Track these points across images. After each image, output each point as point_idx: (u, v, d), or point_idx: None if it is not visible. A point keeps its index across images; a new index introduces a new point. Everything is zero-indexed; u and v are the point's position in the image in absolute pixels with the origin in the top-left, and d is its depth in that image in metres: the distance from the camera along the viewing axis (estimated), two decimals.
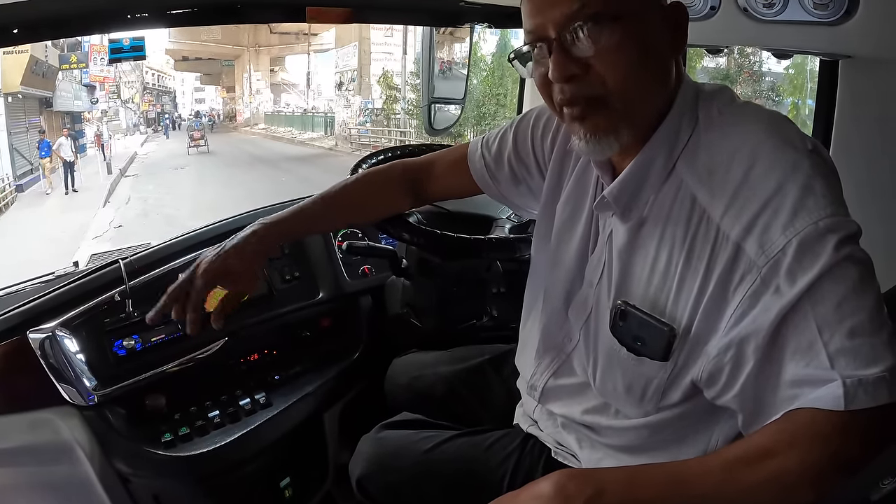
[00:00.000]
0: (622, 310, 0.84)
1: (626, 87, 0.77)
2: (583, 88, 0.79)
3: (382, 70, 26.03)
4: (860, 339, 0.64)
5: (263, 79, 40.68)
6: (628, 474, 0.67)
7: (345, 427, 1.69)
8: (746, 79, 15.94)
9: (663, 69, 0.81)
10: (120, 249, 1.86)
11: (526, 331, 1.11)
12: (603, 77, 0.77)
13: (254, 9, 1.54)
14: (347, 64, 29.56)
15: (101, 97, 25.42)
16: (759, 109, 0.81)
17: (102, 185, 16.24)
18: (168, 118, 35.37)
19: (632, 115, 0.80)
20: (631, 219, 0.85)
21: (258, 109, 39.79)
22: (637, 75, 0.77)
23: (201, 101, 44.31)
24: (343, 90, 29.24)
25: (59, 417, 1.31)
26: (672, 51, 0.81)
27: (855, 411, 0.61)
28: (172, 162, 20.40)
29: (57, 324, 1.34)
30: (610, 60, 0.76)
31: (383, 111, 24.79)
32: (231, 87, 42.82)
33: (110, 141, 21.43)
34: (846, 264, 0.66)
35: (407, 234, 1.31)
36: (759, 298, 0.70)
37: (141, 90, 34.75)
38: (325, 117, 29.72)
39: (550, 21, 0.77)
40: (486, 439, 1.10)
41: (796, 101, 14.90)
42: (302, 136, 29.30)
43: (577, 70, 0.77)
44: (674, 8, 0.81)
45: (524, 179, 1.12)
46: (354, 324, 1.78)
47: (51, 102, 19.89)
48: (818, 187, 0.69)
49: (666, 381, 0.81)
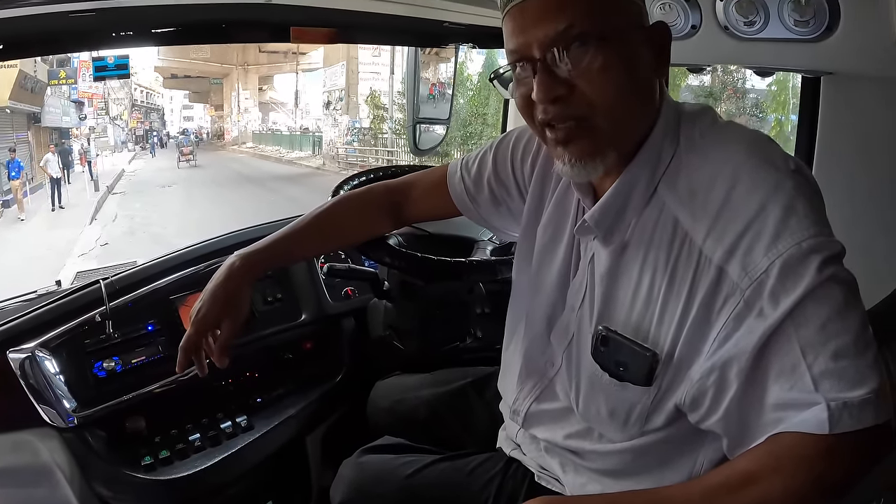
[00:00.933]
0: (604, 335, 0.83)
1: (612, 108, 0.76)
2: (568, 109, 0.77)
3: (370, 90, 26.11)
4: (845, 361, 0.63)
5: (252, 97, 40.78)
6: (608, 500, 0.67)
7: (327, 450, 1.67)
8: (730, 96, 16.10)
9: (648, 90, 0.80)
10: (106, 268, 1.85)
11: (508, 354, 1.09)
12: (589, 98, 0.76)
13: (239, 29, 1.55)
14: (335, 83, 29.67)
15: (89, 113, 25.36)
16: (741, 130, 0.80)
17: (89, 202, 16.14)
18: (156, 135, 35.32)
19: (618, 137, 0.79)
20: (613, 242, 0.84)
21: (246, 128, 39.83)
22: (623, 96, 0.76)
23: (190, 118, 44.37)
24: (331, 109, 29.32)
25: (38, 439, 1.30)
26: (655, 72, 0.80)
27: (840, 434, 0.61)
28: (160, 179, 20.33)
29: (37, 344, 1.34)
30: (596, 81, 0.75)
31: (371, 130, 24.85)
32: (220, 106, 42.89)
33: (97, 158, 21.31)
34: (830, 285, 0.65)
35: (388, 258, 1.30)
36: (742, 321, 0.69)
37: (129, 107, 34.72)
38: (312, 136, 29.78)
39: (535, 41, 0.76)
40: (469, 463, 1.08)
41: (780, 118, 15.09)
42: (290, 154, 29.34)
43: (562, 91, 0.76)
44: (657, 29, 0.80)
45: (504, 201, 1.11)
46: (337, 346, 1.77)
47: (39, 118, 19.80)
48: (801, 207, 0.68)
49: (649, 406, 0.80)
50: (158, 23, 1.40)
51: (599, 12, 0.74)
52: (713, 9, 1.31)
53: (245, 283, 1.09)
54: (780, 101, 15.23)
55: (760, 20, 1.25)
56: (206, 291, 1.08)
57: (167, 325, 1.52)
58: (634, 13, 0.78)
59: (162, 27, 1.41)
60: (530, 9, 0.76)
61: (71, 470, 1.28)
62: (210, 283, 1.08)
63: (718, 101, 16.00)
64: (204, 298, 1.07)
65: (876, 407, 0.62)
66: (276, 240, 1.15)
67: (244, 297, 1.09)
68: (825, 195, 0.74)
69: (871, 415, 0.62)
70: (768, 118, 15.70)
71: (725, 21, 1.31)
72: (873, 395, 0.62)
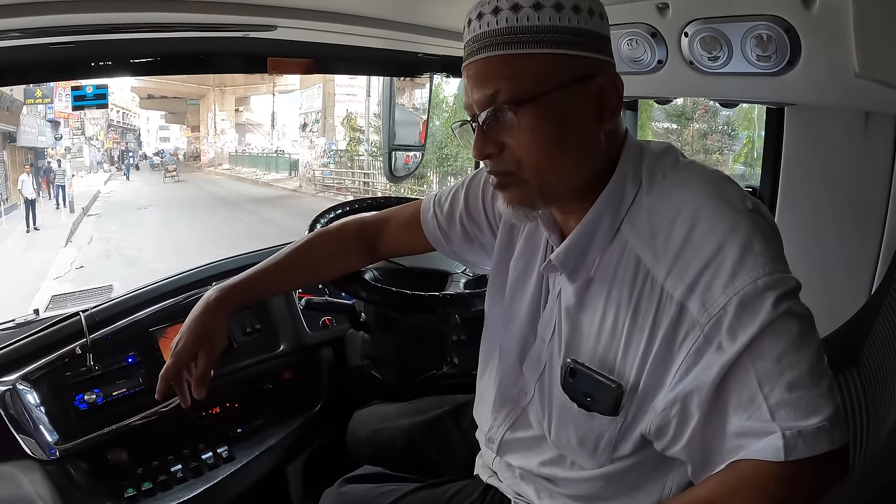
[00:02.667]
0: (571, 367, 0.86)
1: (537, 167, 0.82)
2: (498, 165, 0.84)
3: (346, 112, 26.13)
4: (799, 392, 0.66)
5: (228, 118, 40.49)
6: None
7: (308, 479, 1.67)
8: (702, 115, 16.33)
9: (584, 143, 0.83)
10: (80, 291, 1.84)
11: (483, 384, 1.12)
12: (516, 156, 0.82)
13: (216, 59, 1.57)
14: (312, 105, 29.64)
15: (65, 133, 25.00)
16: (702, 170, 0.84)
17: (64, 224, 15.90)
18: (132, 155, 34.81)
19: (545, 191, 0.84)
20: (578, 279, 0.87)
21: (222, 149, 39.48)
22: (549, 155, 0.81)
23: (166, 139, 43.85)
24: (307, 131, 29.27)
25: (20, 471, 1.29)
26: (599, 122, 0.83)
27: (794, 461, 0.64)
28: (136, 201, 20.07)
29: (18, 377, 1.35)
30: (522, 142, 0.81)
31: (347, 153, 24.80)
32: (196, 127, 42.46)
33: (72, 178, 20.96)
34: (785, 319, 0.69)
35: (364, 293, 1.31)
36: (702, 355, 0.72)
37: (105, 127, 34.31)
38: (289, 158, 29.62)
39: (475, 102, 0.83)
40: (447, 491, 1.09)
41: (751, 135, 15.33)
42: (266, 176, 29.13)
43: (492, 149, 0.83)
44: (605, 80, 0.83)
45: (476, 237, 1.15)
46: (316, 376, 1.78)
47: (14, 137, 19.51)
48: (757, 246, 0.72)
49: (617, 435, 0.84)
50: (137, 54, 1.42)
51: (525, 78, 0.79)
52: (678, 45, 1.35)
53: (220, 317, 1.12)
54: (750, 119, 15.45)
55: (724, 55, 1.29)
56: (184, 324, 1.10)
57: (147, 356, 1.53)
58: (569, 73, 0.80)
59: (140, 58, 1.42)
60: (472, 74, 0.82)
61: (54, 502, 1.27)
62: (189, 317, 1.11)
63: (691, 119, 16.23)
64: (182, 331, 1.09)
65: (830, 434, 0.65)
66: (252, 275, 1.18)
67: (220, 330, 1.11)
68: (790, 218, 0.78)
69: (825, 442, 0.65)
70: (740, 135, 15.95)
71: (690, 56, 1.34)
72: (827, 424, 0.65)
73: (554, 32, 0.78)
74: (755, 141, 14.48)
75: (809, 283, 0.74)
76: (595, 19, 0.81)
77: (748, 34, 1.23)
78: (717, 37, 1.28)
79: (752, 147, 14.47)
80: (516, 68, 0.79)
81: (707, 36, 1.29)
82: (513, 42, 0.78)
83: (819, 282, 0.73)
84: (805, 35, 1.18)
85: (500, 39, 0.79)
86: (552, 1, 0.78)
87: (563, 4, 0.78)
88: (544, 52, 0.78)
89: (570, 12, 0.79)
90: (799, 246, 0.75)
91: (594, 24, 0.81)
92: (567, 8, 0.79)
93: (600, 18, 0.82)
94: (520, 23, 0.78)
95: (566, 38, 0.79)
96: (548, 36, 0.78)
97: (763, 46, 1.23)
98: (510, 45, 0.78)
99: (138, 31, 1.28)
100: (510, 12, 0.78)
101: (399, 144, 2.19)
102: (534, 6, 0.78)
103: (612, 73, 0.84)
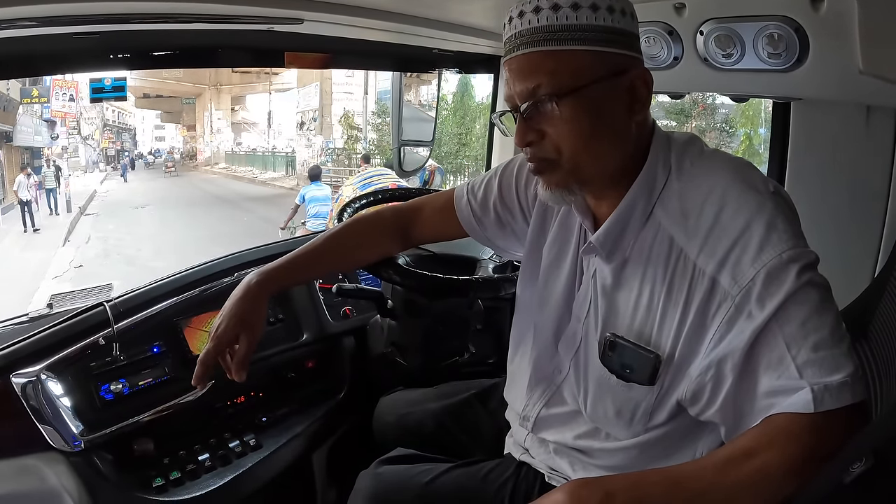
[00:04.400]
0: (611, 341, 0.92)
1: (575, 154, 0.88)
2: (538, 152, 0.90)
3: (344, 110, 25.97)
4: (823, 352, 0.74)
5: (224, 117, 40.16)
6: (633, 479, 0.75)
7: (332, 467, 1.69)
8: (701, 112, 16.38)
9: (616, 133, 0.89)
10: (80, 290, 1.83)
11: (514, 366, 1.16)
12: (556, 144, 0.88)
13: (234, 53, 1.60)
14: (309, 104, 29.43)
15: (61, 133, 24.81)
16: (726, 157, 0.91)
17: (62, 224, 15.82)
18: (127, 155, 34.51)
19: (581, 176, 0.91)
20: (615, 260, 0.94)
21: (219, 148, 39.18)
22: (586, 143, 0.88)
23: (161, 138, 43.49)
24: (305, 129, 29.12)
25: (44, 464, 1.29)
26: (630, 114, 0.89)
27: (823, 412, 0.71)
28: (133, 200, 19.91)
29: (42, 367, 1.33)
30: (561, 131, 0.87)
31: (345, 151, 24.69)
32: (192, 126, 41.97)
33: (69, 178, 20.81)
34: (807, 288, 0.76)
35: (398, 277, 1.35)
36: (734, 323, 0.80)
37: (101, 127, 34.07)
38: (286, 157, 29.43)
39: (517, 94, 0.89)
40: (481, 469, 1.14)
41: (748, 132, 15.40)
42: (263, 175, 28.78)
43: (533, 137, 0.89)
44: (636, 74, 0.89)
45: (508, 224, 1.19)
46: (338, 364, 1.80)
47: (11, 137, 19.36)
48: (780, 224, 0.80)
49: (653, 404, 0.90)
50: (156, 46, 1.44)
51: (563, 75, 0.85)
52: (694, 42, 1.40)
53: (262, 301, 1.15)
54: (748, 117, 15.52)
55: (737, 53, 1.34)
56: (224, 308, 1.13)
57: (173, 346, 1.53)
58: (604, 68, 0.86)
59: (160, 50, 1.45)
60: (514, 68, 0.89)
61: (80, 494, 1.27)
62: (228, 301, 1.14)
63: (689, 117, 16.26)
64: (223, 314, 1.12)
65: (852, 389, 0.72)
66: (292, 259, 1.22)
67: (260, 314, 1.15)
68: (797, 206, 0.84)
69: (848, 395, 0.72)
70: (737, 133, 16.01)
71: (705, 53, 1.40)
72: (849, 379, 0.72)
73: (590, 31, 0.84)
74: (752, 138, 14.55)
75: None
76: (627, 19, 0.87)
77: (760, 33, 1.29)
78: (731, 35, 1.33)
79: (749, 144, 14.53)
80: (556, 64, 0.85)
81: (721, 34, 1.35)
82: (553, 39, 0.84)
83: (823, 268, 0.79)
84: (813, 34, 1.24)
85: (542, 36, 0.85)
86: (589, 2, 0.84)
87: (598, 5, 0.84)
88: (581, 48, 0.85)
89: (604, 12, 0.85)
90: (805, 232, 0.82)
91: (626, 24, 0.87)
92: (602, 8, 0.84)
93: (631, 18, 0.88)
94: (559, 21, 0.84)
95: (601, 35, 0.85)
96: (585, 34, 0.84)
97: (774, 45, 1.28)
98: (550, 41, 0.85)
99: (164, 21, 1.29)
100: (550, 11, 0.84)
101: (408, 140, 2.23)
102: (572, 6, 0.84)
103: (642, 68, 0.90)
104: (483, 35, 1.78)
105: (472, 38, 1.75)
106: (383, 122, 19.71)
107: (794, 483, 0.70)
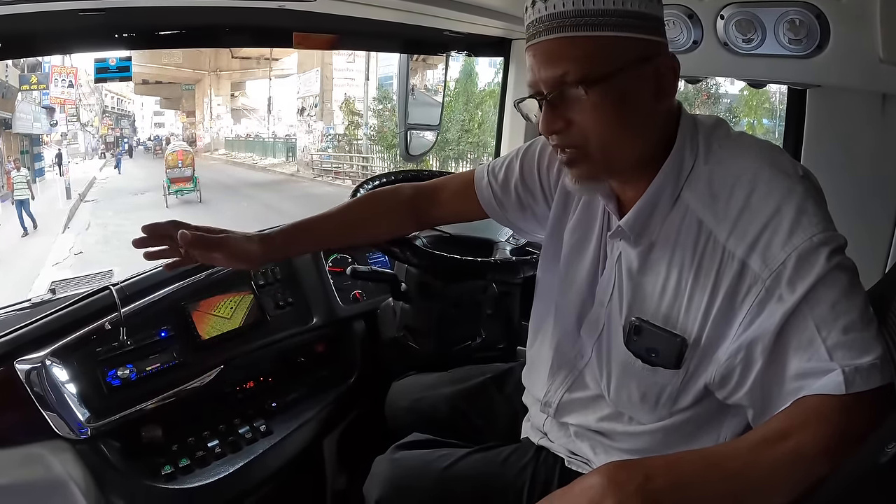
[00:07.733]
0: (636, 325, 0.92)
1: (603, 142, 0.87)
2: (565, 139, 0.89)
3: (345, 95, 25.88)
4: (853, 334, 0.74)
5: (224, 103, 39.99)
6: (669, 460, 0.73)
7: (342, 453, 1.68)
8: (705, 101, 16.32)
9: (644, 120, 0.88)
10: (80, 277, 1.81)
11: (534, 351, 1.16)
12: (583, 131, 0.87)
13: (241, 33, 1.59)
14: (309, 89, 29.25)
15: (60, 120, 24.66)
16: (753, 141, 0.90)
17: (62, 211, 15.75)
18: (126, 141, 34.36)
19: (610, 164, 0.90)
20: (641, 244, 0.93)
21: (218, 134, 39.07)
22: (613, 130, 0.86)
23: (161, 125, 43.35)
24: (305, 115, 28.98)
25: (50, 452, 1.26)
26: (657, 100, 0.88)
27: (854, 394, 0.71)
28: (133, 187, 19.88)
29: (47, 353, 1.30)
30: (589, 119, 0.86)
31: (346, 137, 24.59)
32: (191, 112, 41.80)
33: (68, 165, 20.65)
34: (837, 272, 0.76)
35: (415, 258, 1.34)
36: (764, 306, 0.79)
37: (100, 113, 33.93)
38: (286, 143, 29.35)
39: (542, 81, 0.87)
40: (500, 454, 1.13)
41: (751, 122, 15.36)
42: (263, 161, 28.78)
43: (560, 125, 0.87)
44: (662, 61, 0.87)
45: (529, 206, 1.18)
46: (349, 349, 1.78)
47: (9, 124, 19.24)
48: (810, 207, 0.80)
49: (678, 387, 0.90)
50: (163, 25, 1.42)
51: (591, 61, 0.83)
52: (714, 26, 1.39)
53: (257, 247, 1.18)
54: (751, 106, 15.52)
55: (758, 38, 1.33)
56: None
57: (181, 330, 1.50)
58: (631, 54, 0.84)
59: (167, 29, 1.43)
60: (539, 53, 0.86)
61: (86, 483, 1.25)
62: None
63: (693, 105, 16.21)
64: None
65: (882, 370, 0.72)
66: (298, 224, 1.23)
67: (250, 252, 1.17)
68: None
69: (877, 377, 0.72)
70: (741, 122, 15.95)
71: (725, 38, 1.39)
72: (879, 361, 0.72)
73: (617, 16, 0.82)
74: (756, 128, 14.51)
75: None
76: (653, 3, 0.86)
77: (781, 18, 1.29)
78: (752, 20, 1.33)
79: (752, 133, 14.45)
80: (584, 50, 0.83)
81: (742, 19, 1.34)
82: (579, 24, 0.83)
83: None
84: (834, 21, 1.24)
85: (568, 22, 0.83)
86: None
87: None
88: (608, 34, 0.83)
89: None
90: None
91: (652, 8, 0.85)
92: None
93: (658, 2, 0.87)
94: (585, 6, 0.82)
95: (627, 21, 0.83)
96: (612, 19, 0.82)
97: (795, 30, 1.28)
98: (577, 27, 0.83)
99: None
100: None
101: (414, 124, 2.20)
102: None
103: (668, 53, 0.88)
104: (495, 16, 1.75)
105: (483, 18, 1.73)
106: (384, 107, 19.57)
107: (828, 464, 0.70)
